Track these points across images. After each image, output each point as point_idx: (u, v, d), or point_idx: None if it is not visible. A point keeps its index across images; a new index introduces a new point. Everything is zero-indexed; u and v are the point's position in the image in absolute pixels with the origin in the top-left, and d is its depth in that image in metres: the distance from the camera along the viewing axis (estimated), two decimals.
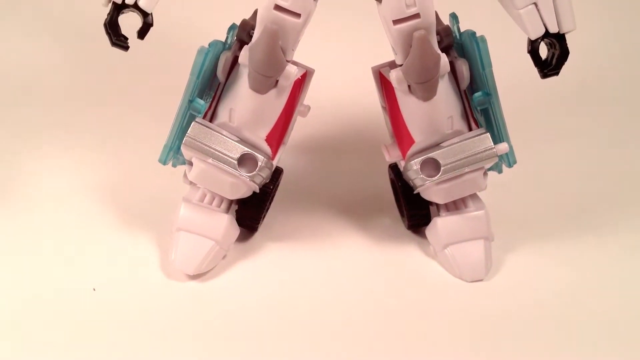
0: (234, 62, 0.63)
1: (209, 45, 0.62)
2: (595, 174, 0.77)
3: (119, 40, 0.58)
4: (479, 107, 0.63)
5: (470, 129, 0.64)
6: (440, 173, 0.62)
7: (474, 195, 0.65)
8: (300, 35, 0.59)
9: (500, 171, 0.67)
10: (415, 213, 0.67)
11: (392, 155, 0.66)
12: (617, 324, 0.59)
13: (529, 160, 0.70)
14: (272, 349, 0.56)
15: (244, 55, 0.60)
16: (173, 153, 0.64)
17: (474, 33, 0.63)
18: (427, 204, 0.66)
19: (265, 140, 0.63)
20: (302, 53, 0.61)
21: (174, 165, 0.66)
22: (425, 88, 0.60)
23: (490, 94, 0.63)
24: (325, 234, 0.69)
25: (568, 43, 0.60)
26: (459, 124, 0.63)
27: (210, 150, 0.62)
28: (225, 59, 0.63)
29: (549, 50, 0.60)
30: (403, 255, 0.67)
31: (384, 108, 0.67)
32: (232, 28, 0.65)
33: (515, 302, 0.62)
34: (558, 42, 0.59)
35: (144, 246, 0.66)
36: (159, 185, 0.72)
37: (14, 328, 0.57)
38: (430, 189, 0.64)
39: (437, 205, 0.66)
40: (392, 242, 0.68)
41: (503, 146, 0.63)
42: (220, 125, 0.62)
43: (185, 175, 0.66)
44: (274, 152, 0.64)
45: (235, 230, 0.65)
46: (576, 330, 0.58)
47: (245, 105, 0.62)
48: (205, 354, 0.56)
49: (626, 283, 0.63)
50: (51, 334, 0.57)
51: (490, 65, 0.62)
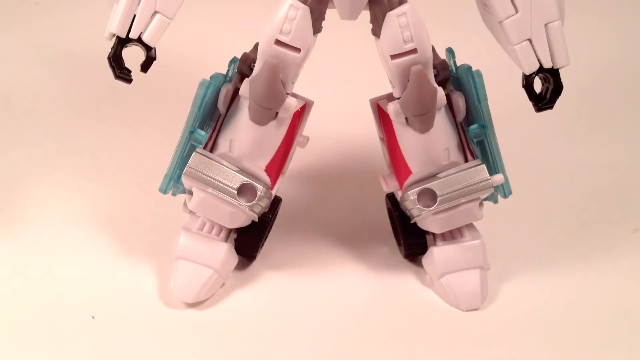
0: (235, 94, 0.65)
1: (210, 77, 0.63)
2: (590, 205, 0.78)
3: (122, 74, 0.59)
4: (475, 139, 0.65)
5: (466, 160, 0.65)
6: (436, 203, 0.63)
7: (470, 225, 0.66)
8: (300, 69, 0.61)
9: (495, 201, 0.68)
10: (412, 242, 0.68)
11: (390, 185, 0.67)
12: (616, 353, 0.59)
13: (524, 190, 0.71)
14: None
15: (244, 88, 0.62)
16: (173, 182, 0.65)
17: (469, 67, 0.64)
18: (424, 233, 0.67)
19: (265, 170, 0.63)
20: (302, 85, 0.63)
21: (174, 194, 0.66)
22: (422, 120, 0.61)
23: (486, 126, 0.64)
24: (322, 263, 0.69)
25: (562, 77, 0.61)
26: (456, 155, 0.64)
27: (210, 180, 0.63)
28: (226, 91, 0.64)
29: (543, 84, 0.62)
30: (400, 284, 0.67)
31: (381, 139, 0.68)
32: (234, 61, 0.67)
33: (511, 331, 0.62)
34: (552, 77, 0.61)
35: (143, 274, 0.67)
36: (158, 213, 0.72)
37: (12, 355, 0.58)
38: (427, 219, 0.65)
39: (434, 234, 0.67)
40: (389, 271, 0.69)
41: (498, 177, 0.64)
42: (221, 156, 0.63)
43: (185, 204, 0.66)
44: (273, 182, 0.65)
45: (234, 258, 0.66)
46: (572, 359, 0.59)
47: (246, 136, 0.63)
48: None
49: (624, 313, 0.64)
50: None
51: (486, 99, 0.63)
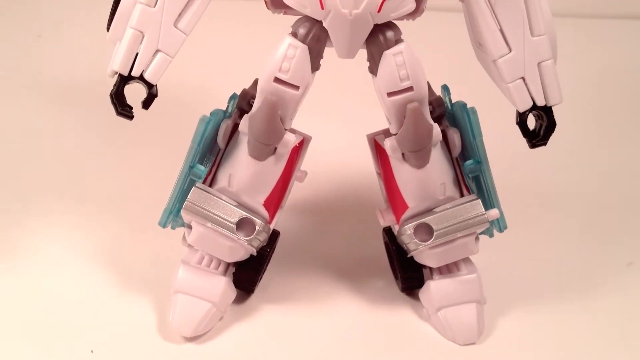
0: (234, 129, 0.66)
1: (210, 114, 0.64)
2: (585, 238, 0.78)
3: (124, 110, 0.60)
4: (471, 175, 0.65)
5: (462, 195, 0.66)
6: (433, 238, 0.64)
7: (466, 259, 0.67)
8: (298, 106, 0.62)
9: (491, 235, 0.68)
10: (409, 276, 0.69)
11: (387, 219, 0.68)
12: None
13: (520, 224, 0.72)
14: None
15: (244, 124, 0.63)
16: (172, 216, 0.65)
17: (465, 104, 0.65)
18: (421, 267, 0.68)
19: (263, 204, 0.64)
20: (300, 119, 0.64)
21: (173, 228, 0.67)
22: (418, 156, 0.62)
23: (481, 162, 0.65)
24: (320, 296, 0.69)
25: (555, 113, 0.62)
26: (451, 190, 0.65)
27: (210, 214, 0.63)
28: (225, 126, 0.65)
29: (536, 121, 0.63)
30: (397, 318, 0.68)
31: (378, 174, 0.69)
32: (233, 97, 0.68)
33: None
34: (545, 114, 0.62)
35: (142, 307, 0.67)
36: (157, 246, 0.73)
37: None
38: (423, 253, 0.65)
39: (431, 268, 0.67)
40: (386, 304, 0.69)
41: (494, 212, 0.65)
42: (220, 190, 0.64)
43: (184, 237, 0.67)
44: (272, 217, 0.65)
45: (233, 292, 0.66)
46: None
47: (245, 171, 0.63)
48: None
49: (621, 347, 0.64)
50: None
51: (481, 135, 0.64)
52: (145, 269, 0.71)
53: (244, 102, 0.66)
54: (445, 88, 0.68)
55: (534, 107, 0.61)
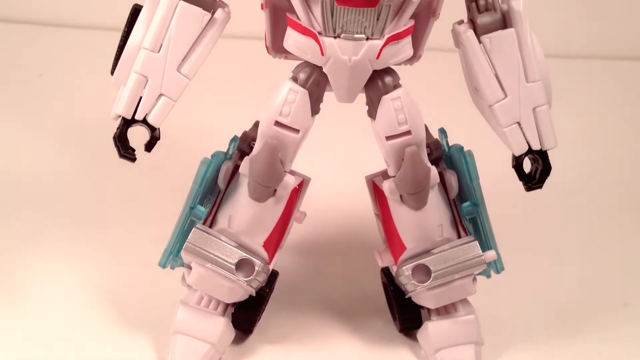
0: (235, 171, 0.66)
1: (211, 156, 0.65)
2: (581, 280, 0.79)
3: (127, 153, 0.61)
4: (468, 217, 0.66)
5: (459, 236, 0.67)
6: (431, 279, 0.65)
7: (463, 300, 0.67)
8: (298, 148, 0.63)
9: (488, 276, 0.69)
10: (407, 317, 0.69)
11: (385, 260, 0.68)
12: None
13: (516, 265, 0.72)
14: None
15: (244, 166, 0.64)
16: (172, 256, 0.66)
17: (462, 148, 0.66)
18: (419, 307, 0.68)
19: (263, 245, 0.65)
20: (299, 161, 0.64)
21: (172, 268, 0.67)
22: (416, 198, 0.63)
23: (478, 204, 0.66)
24: (318, 336, 0.70)
25: (550, 156, 0.63)
26: (449, 231, 0.66)
27: (209, 255, 0.64)
28: (226, 168, 0.66)
29: (532, 165, 0.64)
30: (395, 358, 0.68)
31: (376, 215, 0.70)
32: (234, 140, 0.69)
33: None
34: (541, 158, 0.63)
35: (141, 347, 0.67)
36: (157, 286, 0.73)
37: None
38: (421, 294, 0.66)
39: (429, 309, 0.67)
40: (385, 345, 0.69)
41: (491, 254, 0.66)
42: (220, 231, 0.65)
43: (183, 278, 0.67)
44: (271, 257, 0.66)
45: (231, 333, 0.67)
46: None
47: (245, 213, 0.64)
48: None
49: None
50: None
51: (478, 178, 0.65)
52: (144, 309, 0.71)
53: (244, 144, 0.67)
54: (443, 131, 0.69)
55: (530, 151, 0.62)
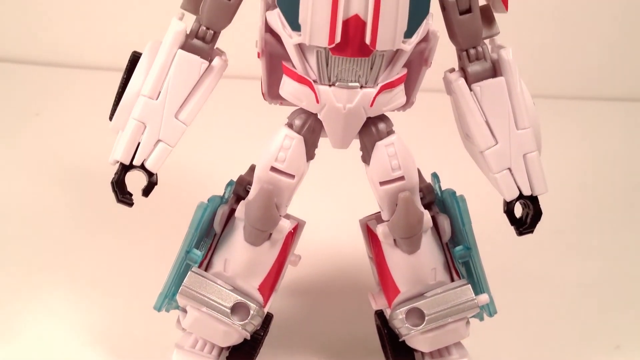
0: (230, 214, 0.67)
1: (208, 200, 0.66)
2: (573, 321, 0.79)
3: (124, 198, 0.62)
4: (460, 260, 0.67)
5: (452, 280, 0.67)
6: (424, 322, 0.65)
7: (457, 343, 0.67)
8: (293, 193, 0.64)
9: (481, 319, 0.70)
10: None
11: (379, 303, 0.69)
12: None
13: (509, 308, 0.72)
14: None
15: (240, 210, 0.64)
16: (168, 300, 0.66)
17: (454, 192, 0.67)
18: (413, 351, 0.68)
19: (258, 289, 0.65)
20: (294, 204, 0.65)
21: (168, 310, 0.67)
22: (409, 243, 0.64)
23: (471, 248, 0.66)
24: None
25: (541, 199, 0.64)
26: (442, 275, 0.67)
27: (205, 299, 0.64)
28: (222, 212, 0.67)
29: (523, 209, 0.65)
30: None
31: (370, 258, 0.71)
32: (230, 184, 0.70)
33: None
34: (532, 203, 0.64)
35: None
36: (152, 329, 0.73)
37: None
38: (415, 338, 0.66)
39: (422, 352, 0.68)
40: None
41: (484, 297, 0.66)
42: (215, 275, 0.65)
43: (178, 321, 0.67)
44: (266, 300, 0.66)
45: None
46: None
47: (240, 256, 0.65)
48: None
49: None
50: None
51: (470, 222, 0.66)
52: (139, 351, 0.71)
53: (240, 188, 0.68)
54: (435, 176, 0.70)
55: (521, 196, 0.64)
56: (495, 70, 0.62)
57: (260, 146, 0.63)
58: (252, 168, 0.68)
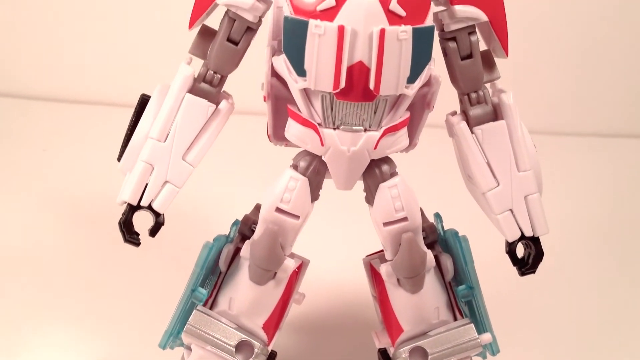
0: (235, 253, 0.68)
1: (213, 240, 0.67)
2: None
3: (131, 238, 0.63)
4: (463, 299, 0.68)
5: (455, 319, 0.68)
6: None
7: None
8: (298, 233, 0.64)
9: (484, 358, 0.70)
10: None
11: (382, 341, 0.69)
12: None
13: (511, 347, 0.73)
14: None
15: (245, 250, 0.65)
16: (173, 337, 0.67)
17: (456, 232, 0.68)
18: None
19: (262, 327, 0.65)
20: (299, 243, 0.66)
21: (172, 348, 0.68)
22: (413, 282, 0.65)
23: (473, 287, 0.67)
24: None
25: (543, 240, 0.65)
26: (445, 314, 0.67)
27: (209, 337, 0.64)
28: (227, 251, 0.67)
29: (525, 249, 0.66)
30: None
31: (374, 297, 0.71)
32: (235, 223, 0.71)
33: None
34: (533, 244, 0.65)
35: None
36: None
37: None
38: None
39: None
40: None
41: (486, 336, 0.66)
42: (220, 313, 0.66)
43: (183, 358, 0.68)
44: (270, 339, 0.67)
45: None
46: None
47: (245, 295, 0.65)
48: None
49: None
50: None
51: (472, 262, 0.67)
52: None
53: (245, 228, 0.69)
54: (438, 216, 0.71)
55: (522, 237, 0.64)
56: (496, 114, 0.63)
57: (266, 185, 0.64)
58: (258, 207, 0.69)
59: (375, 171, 0.63)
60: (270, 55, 0.61)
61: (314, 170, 0.63)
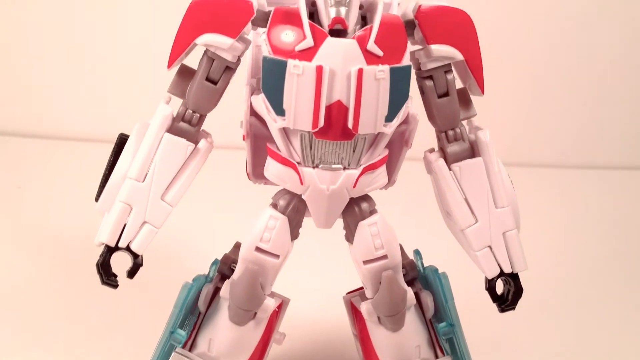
0: (215, 293, 0.67)
1: (192, 280, 0.66)
2: None
3: (109, 280, 0.62)
4: (444, 337, 0.67)
5: (436, 356, 0.67)
6: None
7: None
8: (278, 272, 0.64)
9: None
10: None
11: None
12: None
13: None
14: None
15: (225, 290, 0.65)
16: None
17: (436, 270, 0.68)
18: None
19: None
20: (279, 282, 0.65)
21: None
22: (394, 320, 0.64)
23: (454, 324, 0.67)
24: None
25: (522, 276, 0.65)
26: (426, 352, 0.67)
27: None
28: (207, 291, 0.67)
29: (504, 286, 0.66)
30: None
31: (355, 335, 0.71)
32: (215, 263, 0.70)
33: None
34: (512, 280, 0.65)
35: None
36: None
37: None
38: None
39: None
40: None
41: None
42: (199, 355, 0.65)
43: None
44: None
45: None
46: None
47: (225, 336, 0.65)
48: None
49: None
50: None
51: (453, 299, 0.67)
52: None
53: (225, 267, 0.68)
54: (417, 252, 0.71)
55: (502, 274, 0.65)
56: (473, 151, 0.64)
57: (245, 223, 0.64)
58: (237, 246, 0.69)
59: (355, 209, 0.63)
60: (249, 94, 0.62)
61: (294, 209, 0.63)
